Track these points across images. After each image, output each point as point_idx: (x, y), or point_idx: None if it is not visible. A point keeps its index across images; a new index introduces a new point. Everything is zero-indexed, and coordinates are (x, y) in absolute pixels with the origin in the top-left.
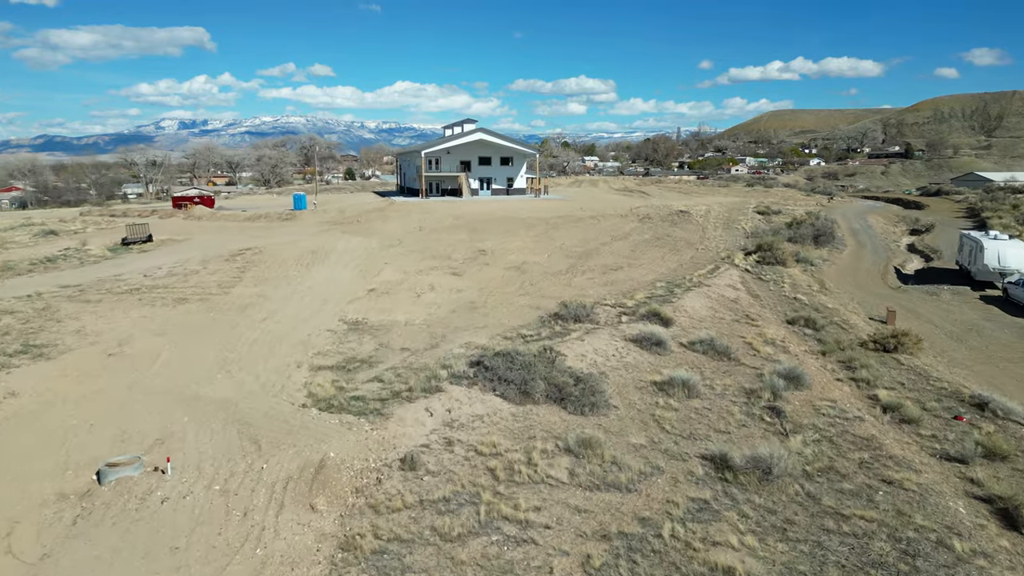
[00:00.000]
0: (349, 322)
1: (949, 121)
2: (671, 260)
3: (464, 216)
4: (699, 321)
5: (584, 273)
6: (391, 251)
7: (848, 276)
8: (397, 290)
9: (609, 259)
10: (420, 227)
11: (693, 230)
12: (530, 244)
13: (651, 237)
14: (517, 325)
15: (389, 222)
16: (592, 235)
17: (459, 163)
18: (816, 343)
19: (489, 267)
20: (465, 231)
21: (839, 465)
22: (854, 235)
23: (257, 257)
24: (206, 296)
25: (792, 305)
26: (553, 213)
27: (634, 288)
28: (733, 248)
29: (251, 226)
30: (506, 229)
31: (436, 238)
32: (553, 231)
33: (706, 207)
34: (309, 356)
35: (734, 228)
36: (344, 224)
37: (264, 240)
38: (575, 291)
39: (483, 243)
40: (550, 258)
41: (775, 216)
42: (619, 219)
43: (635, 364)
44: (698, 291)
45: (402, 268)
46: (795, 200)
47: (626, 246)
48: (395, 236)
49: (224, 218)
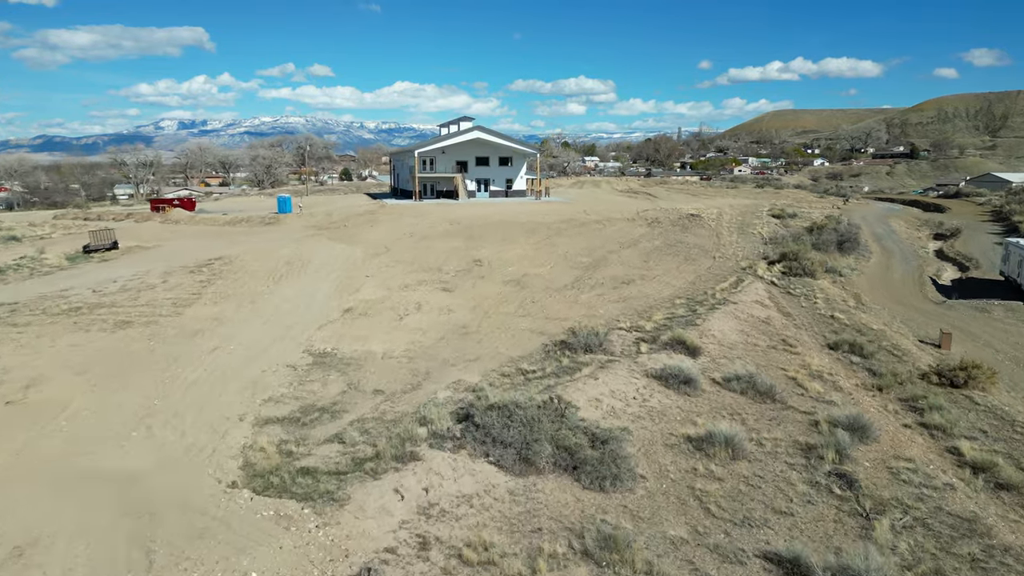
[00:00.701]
0: (315, 354)
1: (953, 121)
2: (687, 271)
3: (459, 221)
4: (730, 348)
5: (592, 288)
6: (376, 262)
7: (882, 288)
8: (378, 310)
9: (619, 270)
10: (410, 233)
11: (707, 236)
12: (531, 253)
13: (662, 244)
14: (517, 356)
15: (377, 227)
16: (598, 242)
17: (455, 163)
18: (867, 374)
19: (485, 281)
20: (459, 238)
21: (947, 567)
22: (878, 241)
23: (225, 268)
24: (154, 318)
25: (830, 325)
26: (555, 217)
27: (650, 306)
28: (753, 256)
29: (230, 231)
30: (504, 236)
31: (427, 246)
32: (556, 237)
33: (717, 210)
34: (257, 404)
35: (750, 233)
36: (329, 229)
37: (239, 247)
38: (583, 310)
39: (479, 252)
40: (553, 269)
41: (792, 220)
42: (626, 223)
43: (662, 410)
44: (724, 310)
45: (386, 283)
46: (809, 202)
47: (636, 255)
48: (382, 244)
49: (203, 222)
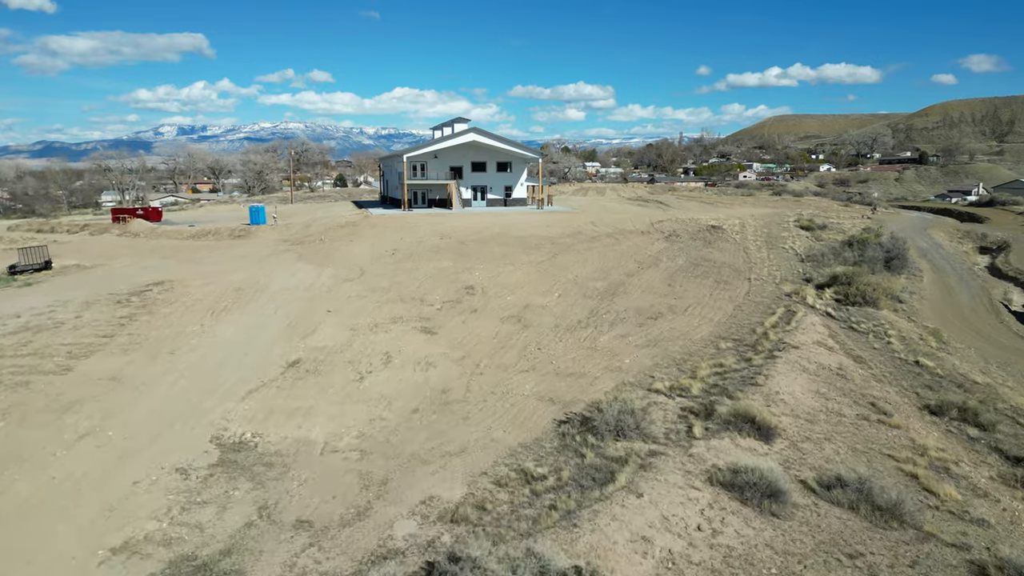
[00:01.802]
0: (227, 444)
1: (959, 126)
2: (723, 299)
3: (452, 234)
4: (810, 421)
5: (612, 325)
6: (345, 289)
7: (952, 318)
8: (332, 365)
9: (642, 299)
10: (393, 250)
11: (733, 252)
12: (534, 276)
13: (687, 263)
14: (519, 445)
15: (357, 242)
16: (612, 261)
17: (448, 169)
18: (999, 457)
19: (478, 316)
20: (450, 256)
21: None
22: (925, 256)
23: (161, 297)
24: (30, 376)
25: (919, 376)
26: (560, 229)
27: (690, 352)
28: (793, 277)
29: (191, 246)
30: (503, 253)
31: (411, 268)
32: (563, 255)
33: (739, 221)
34: (100, 556)
35: (781, 248)
36: (303, 244)
37: (191, 268)
38: (604, 360)
39: (472, 275)
40: (562, 299)
41: (823, 232)
42: (641, 237)
43: (745, 555)
44: (786, 359)
45: (352, 320)
46: (835, 212)
47: (659, 277)
48: (358, 264)
49: (165, 235)
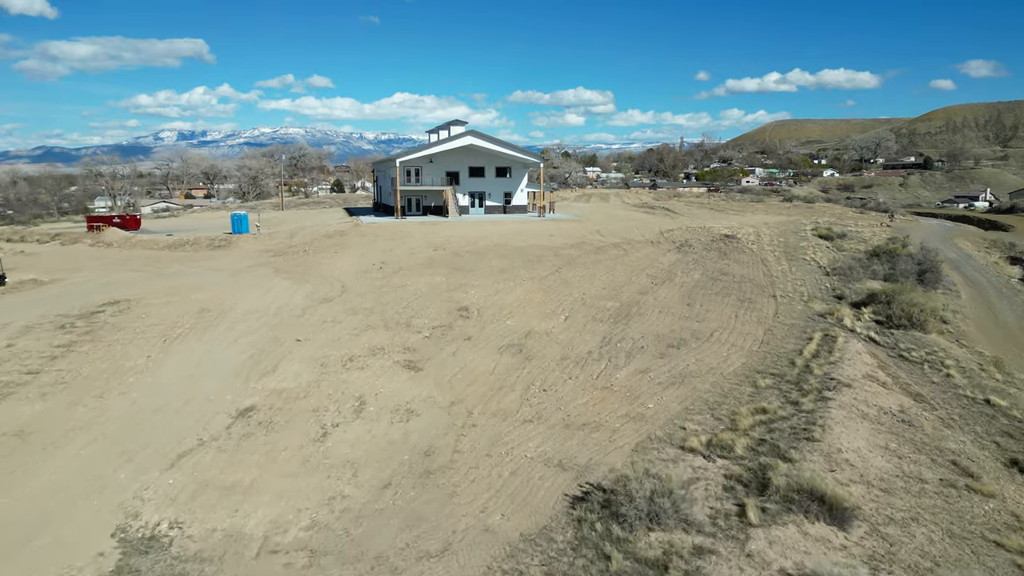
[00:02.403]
0: (133, 540)
1: (962, 131)
2: (750, 321)
3: (447, 244)
4: (887, 492)
5: (630, 357)
6: (321, 312)
7: (1004, 340)
8: (292, 414)
9: (660, 322)
10: (381, 263)
11: (752, 264)
12: (537, 294)
13: (704, 277)
14: (519, 539)
15: (343, 254)
16: (623, 275)
17: (444, 174)
18: None
19: (472, 346)
20: (443, 270)
21: None
22: (956, 268)
23: (114, 321)
24: None
25: (993, 420)
26: (564, 239)
27: (724, 393)
28: (821, 293)
29: (166, 257)
30: (502, 267)
31: (399, 284)
32: (568, 269)
33: (753, 229)
34: None
35: (801, 260)
36: (285, 256)
37: (158, 283)
38: (623, 404)
39: (466, 293)
40: (569, 323)
41: (843, 241)
42: (651, 248)
43: None
44: (840, 402)
45: (324, 351)
46: (851, 219)
47: (676, 295)
48: (340, 279)
49: (140, 244)
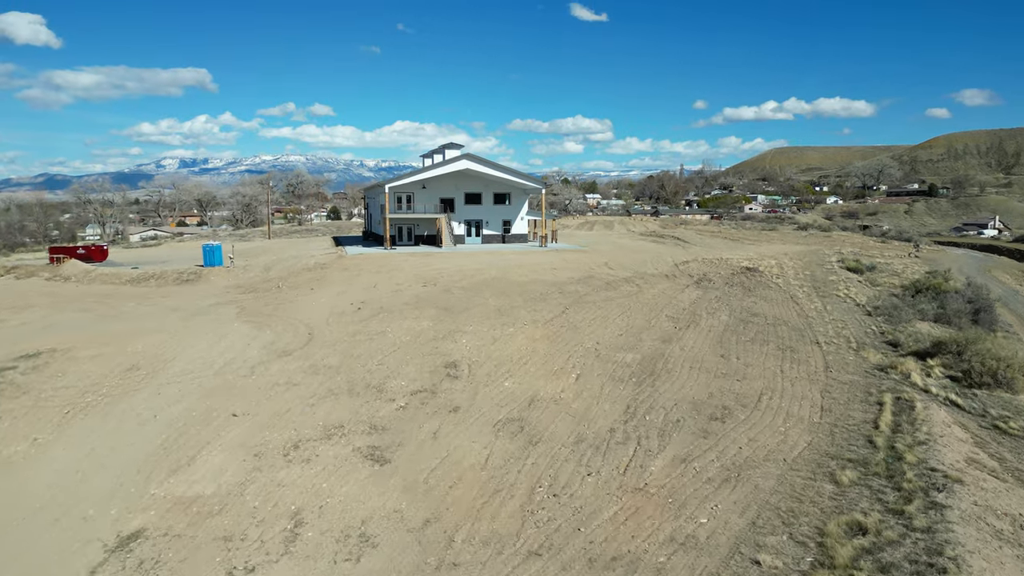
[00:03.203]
0: None
1: (964, 158)
2: (799, 378)
3: (438, 279)
4: None
5: (664, 437)
6: (275, 370)
7: None
8: (188, 549)
9: (693, 382)
10: (361, 302)
11: (781, 302)
12: (541, 343)
13: (732, 319)
14: None
15: (320, 291)
16: (640, 317)
17: (438, 201)
18: None
19: (459, 421)
20: (431, 312)
21: None
22: (1006, 306)
23: (24, 380)
24: None
25: None
26: (570, 272)
27: (797, 495)
28: (872, 340)
29: (123, 294)
30: (499, 307)
31: (377, 330)
32: (576, 310)
33: (775, 261)
34: None
35: (834, 296)
36: (256, 292)
37: (100, 328)
38: (667, 520)
39: (456, 341)
40: (583, 384)
41: (874, 274)
42: (667, 283)
43: None
44: (960, 511)
45: (261, 435)
46: (874, 249)
47: (706, 342)
48: (309, 324)
49: (100, 279)
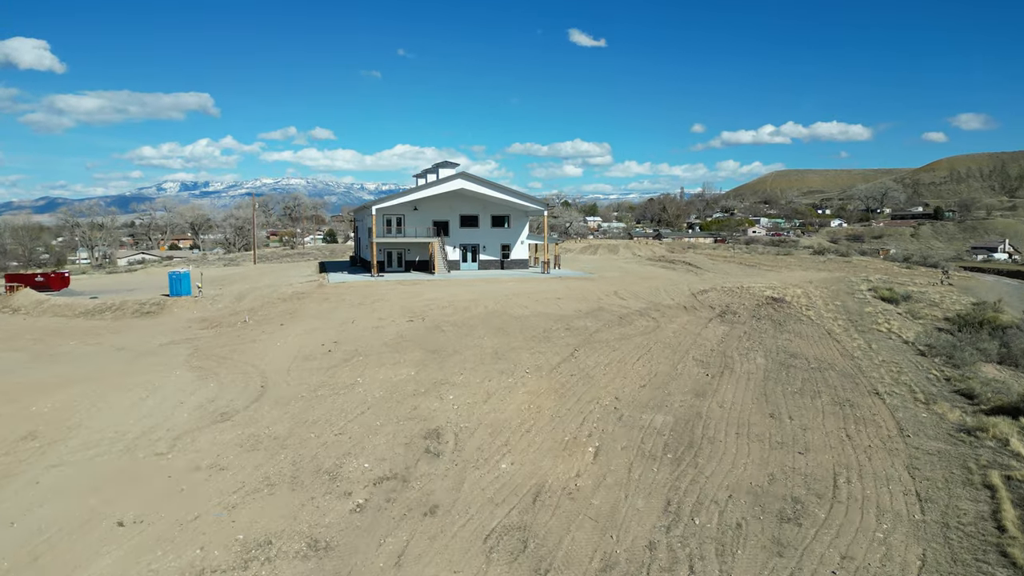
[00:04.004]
0: None
1: (967, 181)
2: (874, 447)
3: (427, 312)
4: None
5: (726, 558)
6: (202, 445)
7: None
8: None
9: (744, 455)
10: (333, 343)
11: (818, 339)
12: (547, 399)
13: (769, 362)
14: None
15: (290, 327)
16: (663, 361)
17: (431, 224)
18: None
19: (435, 532)
20: (415, 355)
21: None
22: None
23: None
24: None
25: None
26: (576, 303)
27: None
28: (938, 388)
29: (70, 329)
30: (496, 348)
31: (346, 381)
32: (587, 352)
33: (800, 290)
34: None
35: (875, 331)
36: (218, 328)
37: (14, 378)
38: None
39: (442, 398)
40: (603, 461)
41: (909, 304)
42: (687, 316)
43: None
44: None
45: (149, 560)
46: (900, 276)
47: (746, 395)
48: (266, 372)
49: (52, 310)
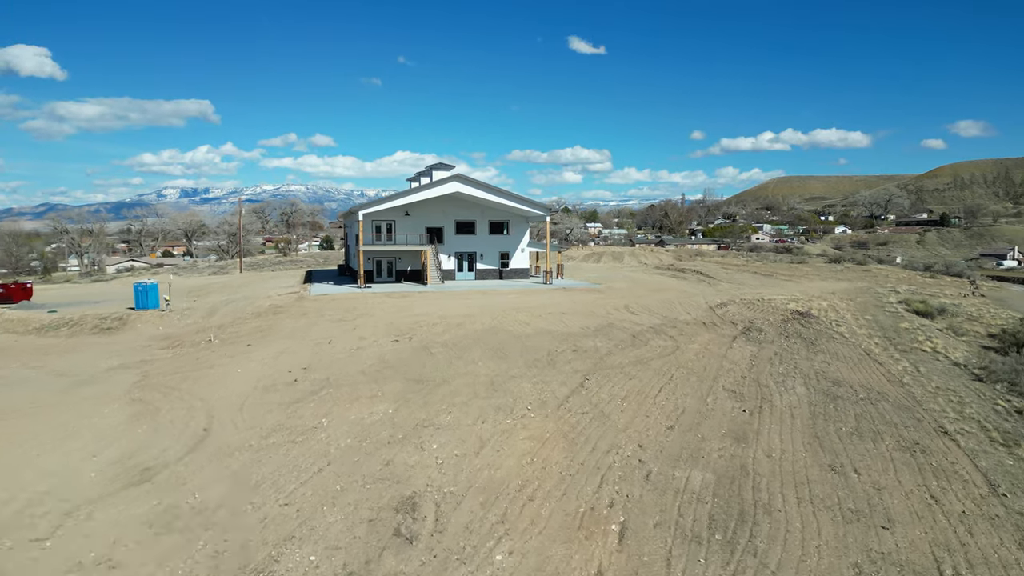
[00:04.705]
0: None
1: (971, 187)
2: (970, 514)
3: (415, 329)
4: None
5: None
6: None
7: None
8: None
9: (816, 538)
10: (303, 369)
11: (857, 361)
12: (555, 450)
13: (812, 393)
14: None
15: (259, 347)
16: (690, 393)
17: (424, 230)
18: None
19: None
20: (395, 387)
21: None
22: None
23: None
24: None
25: None
26: (583, 319)
27: None
28: (1011, 424)
29: (19, 348)
30: (493, 376)
31: (307, 424)
32: (599, 380)
33: (826, 303)
34: None
35: (917, 350)
36: (178, 348)
37: None
38: None
39: (423, 448)
40: (632, 551)
41: (947, 319)
42: (707, 333)
43: None
44: None
45: None
46: (927, 286)
47: (797, 439)
48: (216, 410)
49: (4, 326)
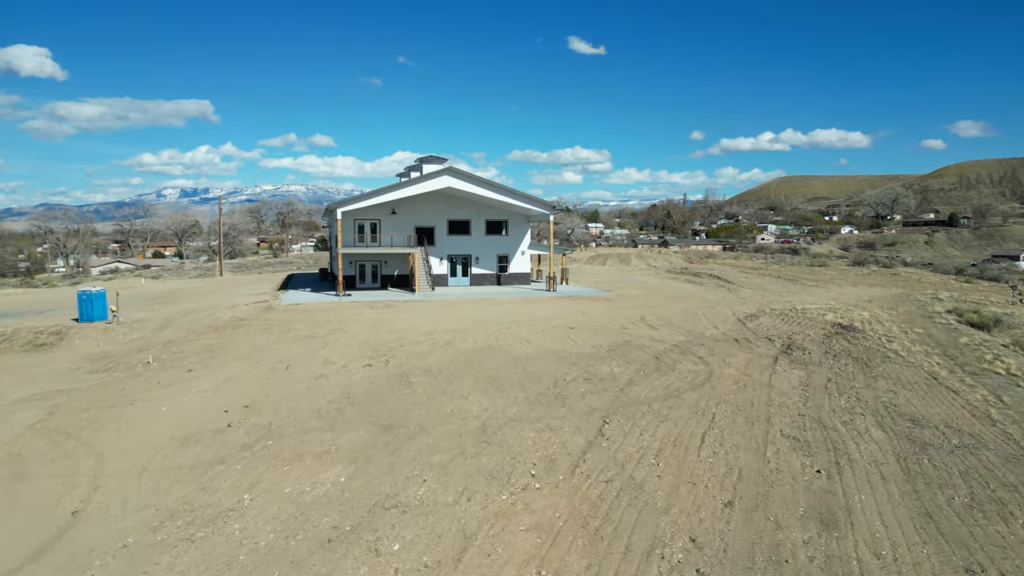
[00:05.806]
0: None
1: (977, 187)
2: None
3: (394, 350)
4: None
5: None
6: None
7: None
8: None
9: None
10: (244, 410)
11: (923, 387)
12: (573, 550)
13: (892, 439)
14: None
15: (201, 373)
16: (741, 443)
17: (413, 230)
18: None
19: None
20: (355, 437)
21: None
22: None
23: None
24: None
25: None
26: (595, 335)
27: None
28: None
29: None
30: (485, 420)
31: (226, 495)
32: (621, 423)
33: (867, 314)
34: None
35: (987, 372)
36: (107, 374)
37: None
38: None
39: (377, 552)
40: None
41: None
42: (742, 352)
43: None
44: None
45: None
46: (966, 292)
47: (903, 521)
48: (110, 471)
49: None
